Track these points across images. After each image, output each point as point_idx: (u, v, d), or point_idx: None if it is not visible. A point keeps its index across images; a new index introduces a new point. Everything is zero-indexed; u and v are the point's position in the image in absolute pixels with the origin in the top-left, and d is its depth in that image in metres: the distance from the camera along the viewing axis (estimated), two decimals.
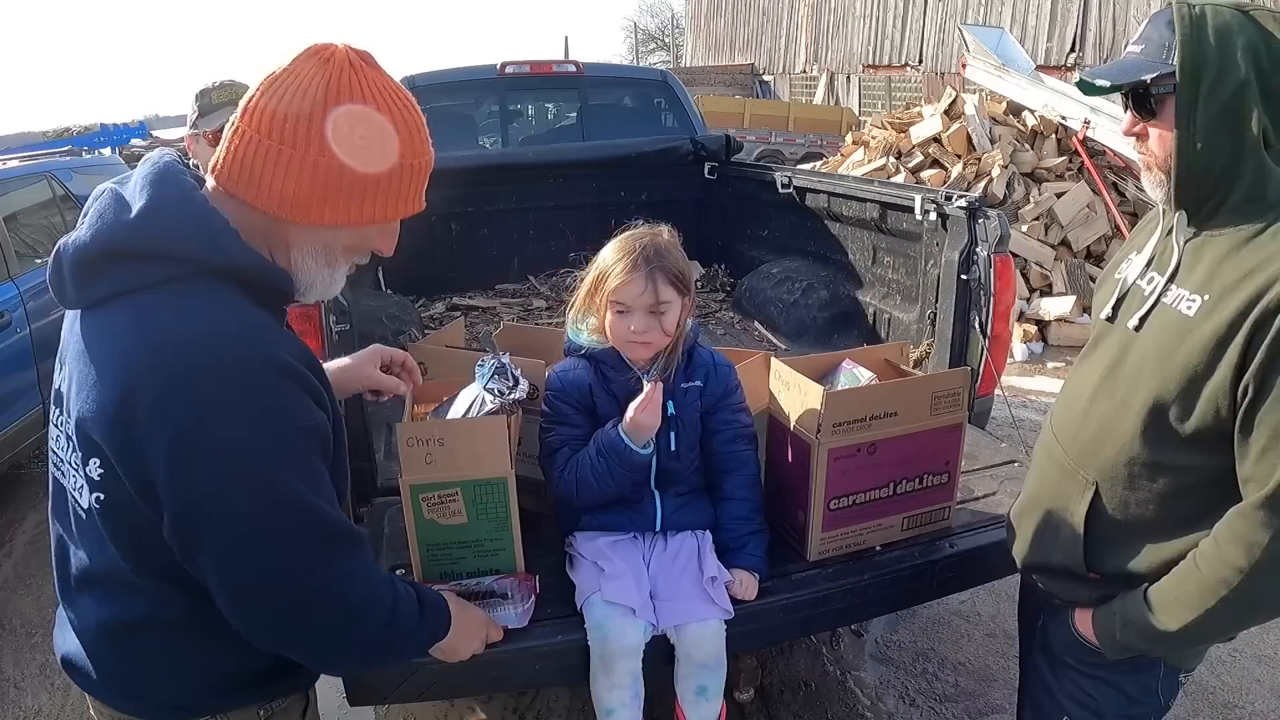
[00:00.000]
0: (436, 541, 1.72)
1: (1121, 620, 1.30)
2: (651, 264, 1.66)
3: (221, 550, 0.98)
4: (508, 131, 5.06)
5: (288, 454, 0.99)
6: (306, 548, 1.02)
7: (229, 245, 1.00)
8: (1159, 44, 1.21)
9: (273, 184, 0.99)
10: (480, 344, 3.15)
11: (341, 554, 1.06)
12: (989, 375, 2.50)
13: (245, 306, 1.01)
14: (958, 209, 2.51)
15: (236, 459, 0.95)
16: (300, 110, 0.97)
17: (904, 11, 16.87)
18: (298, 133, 0.97)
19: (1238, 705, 2.64)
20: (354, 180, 1.01)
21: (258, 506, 0.97)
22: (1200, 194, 1.21)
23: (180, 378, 0.93)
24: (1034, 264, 6.68)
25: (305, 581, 1.03)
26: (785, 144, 15.46)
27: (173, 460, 0.93)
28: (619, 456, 1.67)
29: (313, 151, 0.98)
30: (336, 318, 1.99)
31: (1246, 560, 1.12)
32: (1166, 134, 1.22)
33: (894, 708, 2.63)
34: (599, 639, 1.64)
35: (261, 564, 1.00)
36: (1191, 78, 1.16)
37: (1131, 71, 1.23)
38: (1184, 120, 1.18)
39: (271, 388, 0.97)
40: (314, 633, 1.08)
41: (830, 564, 1.90)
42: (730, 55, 23.73)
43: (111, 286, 0.98)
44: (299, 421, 1.00)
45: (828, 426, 1.79)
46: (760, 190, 3.95)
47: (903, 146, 7.79)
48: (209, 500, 0.95)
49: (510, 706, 2.61)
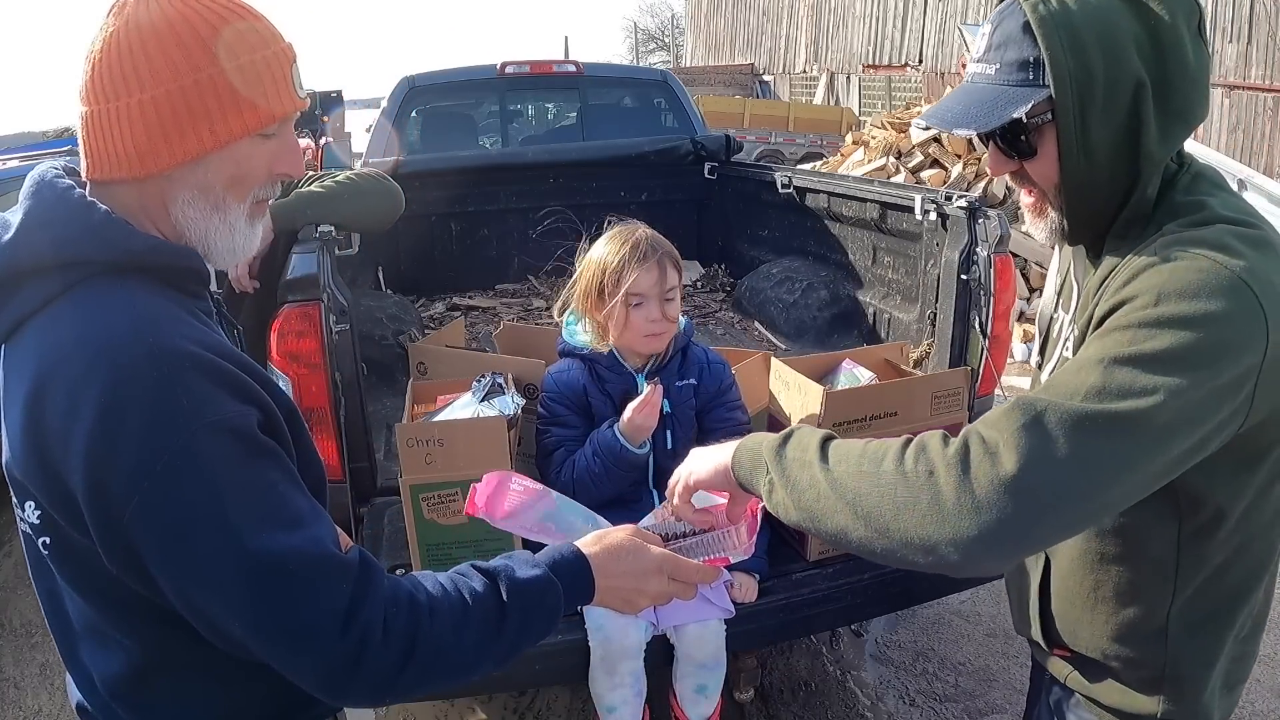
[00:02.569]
0: (436, 541, 1.73)
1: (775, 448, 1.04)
2: (658, 251, 1.72)
3: (169, 569, 0.86)
4: (508, 131, 5.06)
5: (195, 454, 0.85)
6: (261, 531, 0.87)
7: (113, 235, 0.91)
8: (1017, 59, 0.95)
9: (118, 146, 0.91)
10: (480, 344, 3.15)
11: (295, 531, 0.89)
12: (989, 375, 2.50)
13: (143, 297, 0.91)
14: (958, 209, 2.51)
15: (144, 470, 0.83)
16: (110, 61, 0.90)
17: (904, 11, 16.88)
18: (114, 82, 0.90)
19: (1238, 704, 2.63)
20: (186, 101, 0.91)
21: (181, 516, 0.85)
22: (1091, 219, 1.01)
23: (77, 391, 0.84)
24: (1034, 264, 6.68)
25: (268, 559, 0.87)
26: (785, 144, 15.45)
27: (89, 486, 0.83)
28: (615, 457, 1.68)
29: (135, 92, 0.90)
30: (336, 318, 1.99)
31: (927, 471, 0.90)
32: (1049, 168, 0.99)
33: (894, 708, 2.63)
34: (600, 640, 1.65)
35: (223, 563, 0.86)
36: (1075, 100, 0.92)
37: (992, 110, 0.96)
38: (1072, 150, 0.95)
39: (166, 382, 0.85)
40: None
41: (830, 564, 1.90)
42: (730, 55, 23.74)
43: (13, 314, 0.91)
44: (207, 417, 0.85)
45: (828, 426, 1.79)
46: (760, 190, 3.95)
47: (903, 146, 7.79)
48: (132, 515, 0.84)
49: (510, 706, 2.61)
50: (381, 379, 2.78)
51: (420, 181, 3.61)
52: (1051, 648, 1.20)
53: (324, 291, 1.97)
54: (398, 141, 4.33)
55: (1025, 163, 1.01)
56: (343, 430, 2.05)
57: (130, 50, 0.90)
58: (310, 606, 0.87)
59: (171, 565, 0.86)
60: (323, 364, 1.98)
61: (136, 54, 0.90)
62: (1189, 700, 1.13)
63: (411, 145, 4.45)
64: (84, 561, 0.91)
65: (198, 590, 0.87)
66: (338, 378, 2.00)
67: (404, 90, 4.45)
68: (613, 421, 1.71)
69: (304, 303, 1.96)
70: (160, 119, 0.91)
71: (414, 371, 2.21)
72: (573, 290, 1.81)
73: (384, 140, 4.30)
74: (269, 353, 2.01)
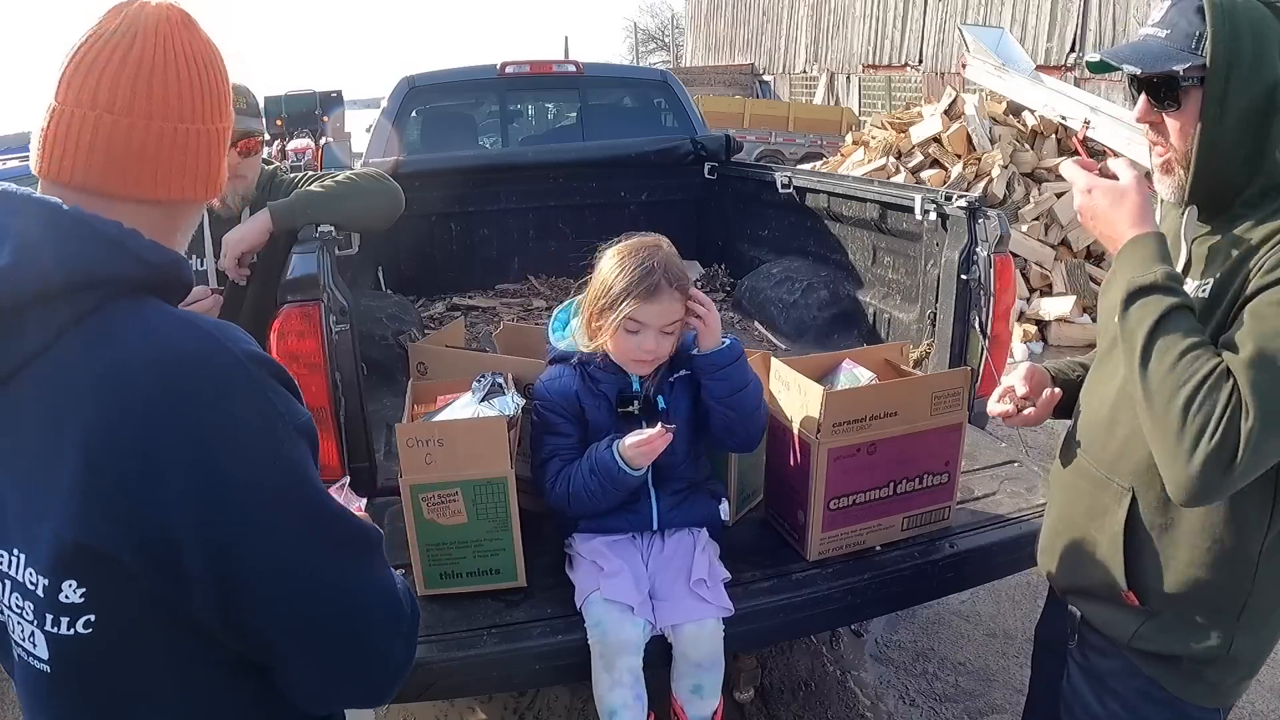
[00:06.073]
0: (436, 541, 1.73)
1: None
2: (674, 284, 1.66)
3: (280, 592, 0.82)
4: (508, 131, 5.06)
5: (299, 458, 0.84)
6: (356, 557, 0.89)
7: (138, 249, 0.83)
8: (1186, 31, 1.15)
9: (189, 165, 0.89)
10: (480, 344, 3.15)
11: (375, 556, 0.92)
12: (989, 375, 2.50)
13: (176, 311, 0.85)
14: (958, 209, 2.51)
15: (262, 482, 0.81)
16: (195, 83, 0.89)
17: (904, 11, 16.87)
18: (196, 105, 0.89)
19: (1238, 704, 2.63)
20: (222, 141, 0.94)
21: (300, 526, 0.83)
22: (1217, 189, 1.18)
23: (168, 407, 0.77)
24: (1034, 264, 6.68)
25: (361, 595, 0.89)
26: (785, 144, 15.45)
27: (201, 507, 0.77)
28: (612, 479, 1.68)
29: (215, 120, 0.91)
30: (336, 318, 1.99)
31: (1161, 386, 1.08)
32: (1187, 126, 1.17)
33: (894, 708, 2.63)
34: (598, 636, 1.65)
35: (326, 590, 0.85)
36: (1224, 73, 1.12)
37: (1159, 59, 1.16)
38: (1211, 115, 1.14)
39: (261, 386, 0.83)
40: (386, 651, 0.92)
41: (830, 564, 1.90)
42: (730, 55, 23.73)
43: (16, 352, 0.78)
44: (297, 419, 0.85)
45: (828, 426, 1.79)
46: (760, 190, 3.95)
47: (903, 146, 7.78)
48: (251, 537, 0.80)
49: (510, 706, 2.61)
50: (381, 379, 2.77)
51: (420, 181, 3.60)
52: (1126, 590, 1.28)
53: (324, 291, 1.97)
54: (398, 141, 4.33)
55: (1168, 115, 1.19)
56: (343, 430, 2.05)
57: (215, 77, 0.90)
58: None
59: (302, 579, 0.84)
60: (323, 364, 1.97)
61: (222, 82, 0.91)
62: (1261, 632, 1.25)
63: (411, 145, 4.44)
64: (140, 625, 0.82)
65: (296, 607, 0.84)
66: (338, 378, 2.00)
67: (404, 90, 4.44)
68: (613, 439, 1.69)
69: (304, 303, 1.96)
70: (222, 148, 0.92)
71: (414, 371, 2.21)
72: (582, 296, 1.78)
73: (384, 140, 4.30)
74: (269, 353, 2.01)
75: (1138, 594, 1.28)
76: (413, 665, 0.95)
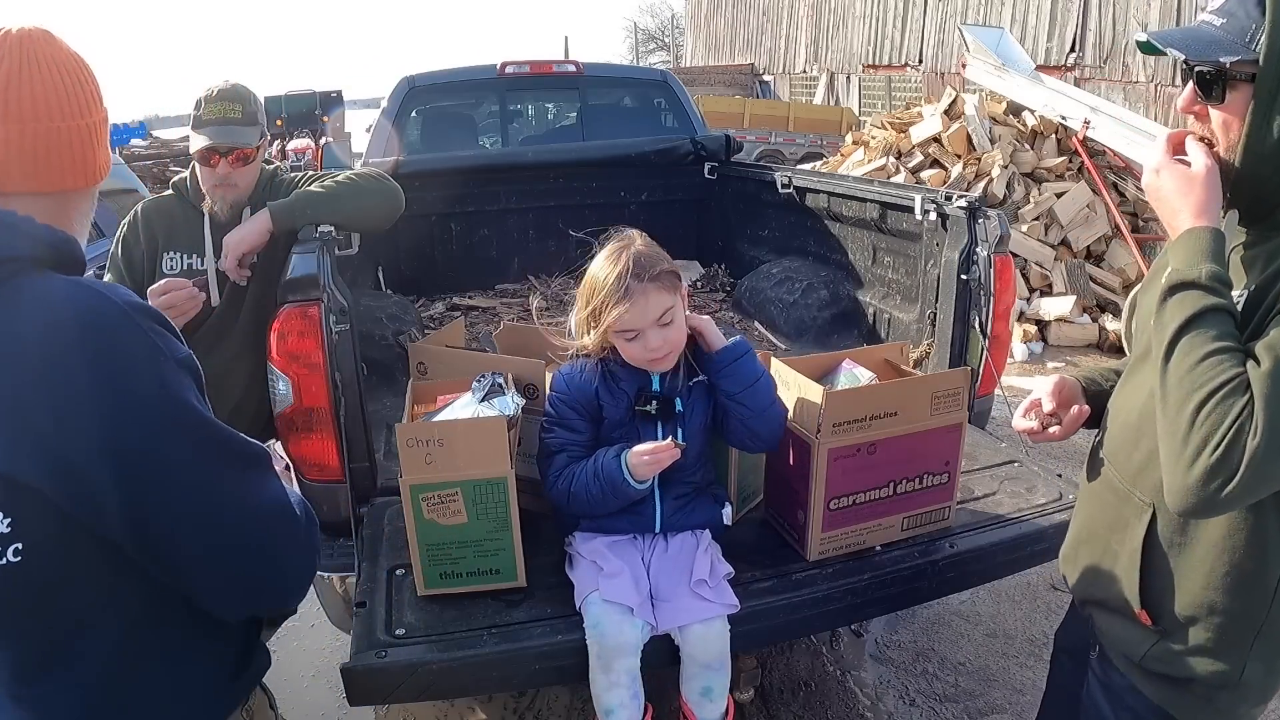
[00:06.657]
0: (436, 541, 1.73)
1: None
2: (642, 279, 1.62)
3: (180, 505, 0.95)
4: (508, 131, 5.05)
5: (182, 386, 0.97)
6: (245, 471, 1.01)
7: (32, 230, 0.96)
8: (1243, 24, 1.09)
9: (65, 159, 1.01)
10: (480, 344, 3.15)
11: (264, 471, 1.05)
12: (989, 375, 2.51)
13: (69, 278, 0.98)
14: (958, 209, 2.51)
15: (153, 406, 0.94)
16: (64, 83, 1.01)
17: (904, 11, 16.86)
18: (73, 103, 1.02)
19: None
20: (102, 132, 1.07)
21: (191, 445, 0.96)
22: (1261, 191, 1.13)
23: (68, 359, 0.90)
24: (1034, 264, 6.68)
25: (255, 505, 1.01)
26: (785, 144, 15.46)
27: (102, 433, 0.90)
28: (614, 488, 1.68)
29: (86, 115, 1.03)
30: (336, 318, 1.99)
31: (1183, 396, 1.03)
32: (1233, 122, 1.12)
33: (894, 708, 2.63)
34: (596, 637, 1.64)
35: (221, 501, 0.98)
36: (1276, 75, 1.06)
37: (1208, 48, 1.10)
38: (1258, 119, 1.08)
39: (143, 329, 0.96)
40: (291, 553, 1.05)
41: (830, 564, 1.90)
42: (730, 55, 23.72)
43: None
44: (176, 354, 0.98)
45: (828, 426, 1.79)
46: (760, 190, 3.95)
47: (903, 146, 7.79)
48: (150, 458, 0.93)
49: (510, 706, 2.61)
50: (381, 379, 2.78)
51: (420, 181, 3.60)
52: (1140, 609, 1.24)
53: (324, 291, 1.97)
54: (398, 141, 4.33)
55: (1213, 107, 1.13)
56: (343, 430, 2.05)
57: (77, 79, 1.01)
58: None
59: (202, 493, 0.96)
60: (323, 364, 1.98)
61: (86, 82, 1.03)
62: (1274, 660, 1.20)
63: (411, 145, 4.44)
64: (64, 550, 0.94)
65: (196, 520, 0.96)
66: (338, 378, 2.00)
67: (404, 90, 4.44)
68: (622, 448, 1.68)
69: (304, 303, 1.96)
70: (99, 139, 1.05)
71: (414, 371, 2.21)
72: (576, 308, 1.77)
73: (384, 140, 4.30)
74: (269, 353, 2.01)
75: (1151, 613, 1.24)
76: (315, 570, 1.11)
